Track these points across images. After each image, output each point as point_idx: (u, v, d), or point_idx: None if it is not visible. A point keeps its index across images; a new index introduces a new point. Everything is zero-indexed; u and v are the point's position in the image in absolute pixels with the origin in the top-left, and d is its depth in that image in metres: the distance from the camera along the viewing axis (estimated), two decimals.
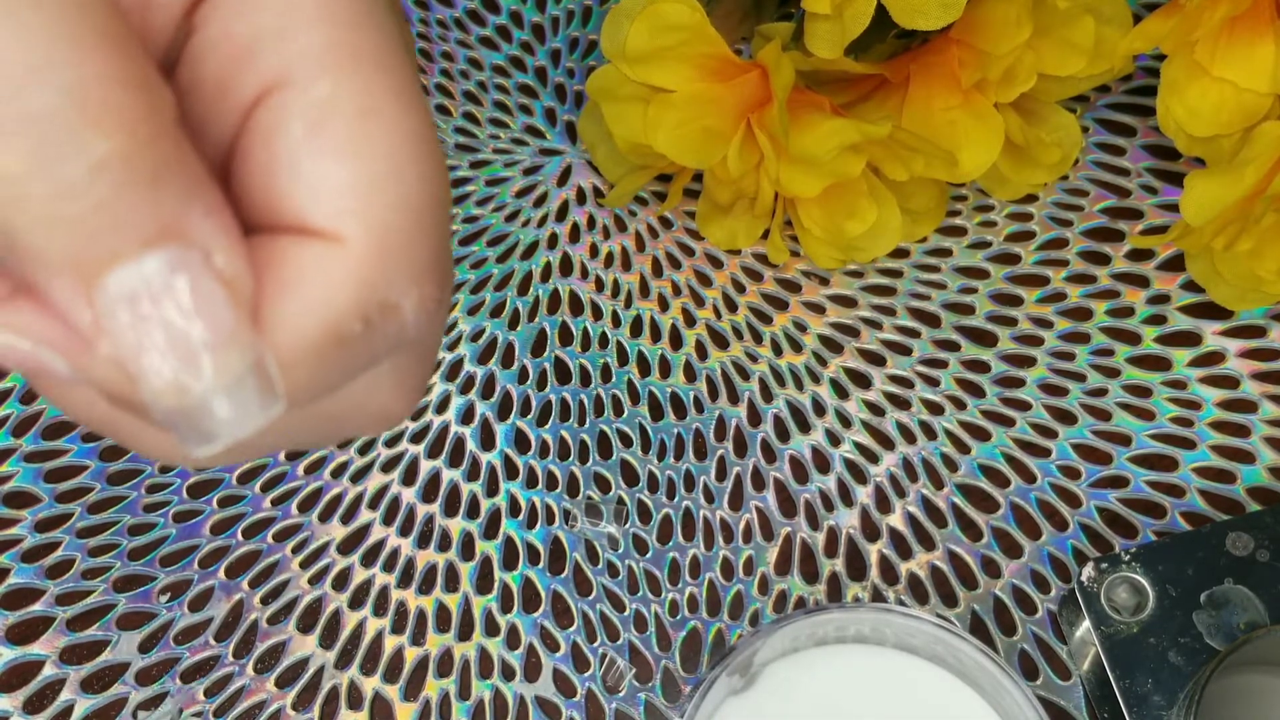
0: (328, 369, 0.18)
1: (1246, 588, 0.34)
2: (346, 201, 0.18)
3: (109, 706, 0.37)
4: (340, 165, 0.18)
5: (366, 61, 0.18)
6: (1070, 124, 0.41)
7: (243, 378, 0.17)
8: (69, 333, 0.17)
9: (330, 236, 0.18)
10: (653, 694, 0.37)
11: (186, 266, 0.16)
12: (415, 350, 0.20)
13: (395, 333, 0.19)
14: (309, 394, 0.18)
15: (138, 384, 0.17)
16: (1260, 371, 0.40)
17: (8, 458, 0.40)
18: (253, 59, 0.18)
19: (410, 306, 0.18)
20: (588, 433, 0.40)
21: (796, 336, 0.41)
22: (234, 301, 0.17)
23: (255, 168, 0.18)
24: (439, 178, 0.18)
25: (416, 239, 0.18)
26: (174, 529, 0.39)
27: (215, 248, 0.16)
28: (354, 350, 0.18)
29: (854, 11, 0.35)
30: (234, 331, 0.17)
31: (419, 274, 0.18)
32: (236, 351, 0.17)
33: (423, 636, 0.38)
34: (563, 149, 0.45)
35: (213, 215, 0.17)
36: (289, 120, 0.18)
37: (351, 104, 0.18)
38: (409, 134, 0.18)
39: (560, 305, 0.42)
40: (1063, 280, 0.42)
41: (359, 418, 0.21)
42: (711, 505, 0.39)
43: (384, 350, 0.19)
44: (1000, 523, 0.38)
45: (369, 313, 0.18)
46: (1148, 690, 0.34)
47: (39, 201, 0.15)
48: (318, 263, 0.18)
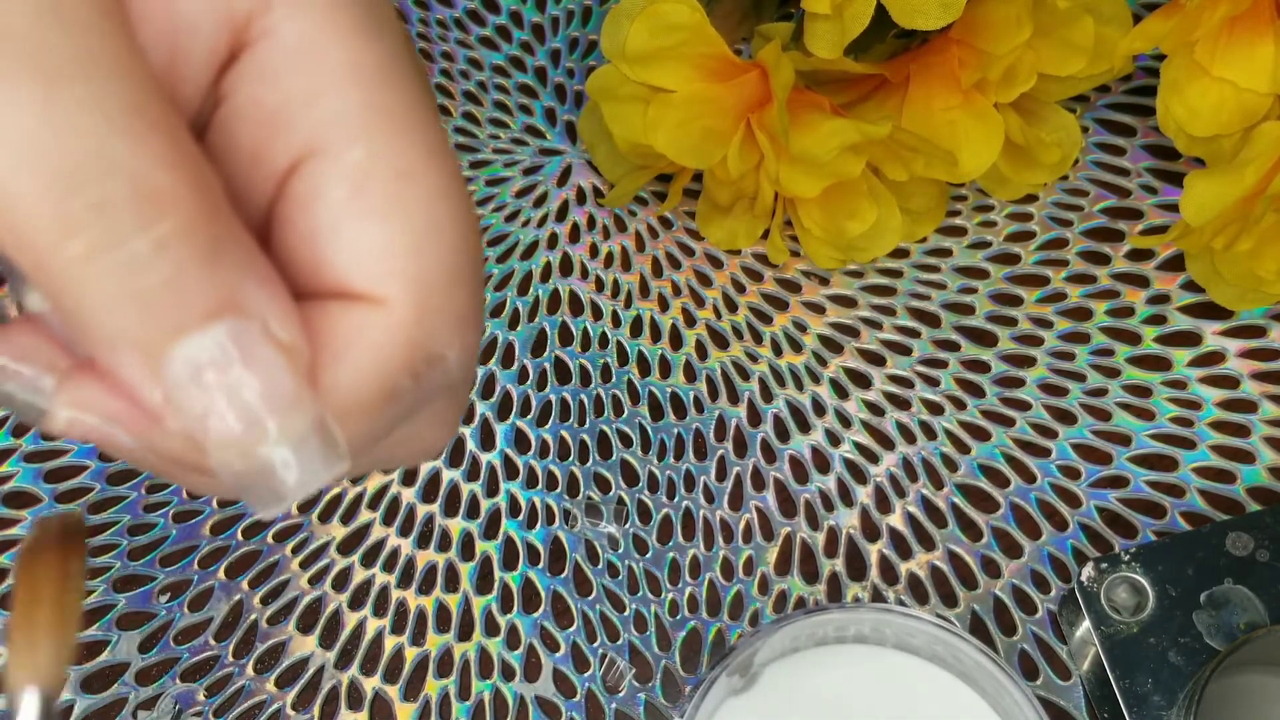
0: (381, 423, 0.19)
1: (1246, 588, 0.34)
2: (389, 264, 0.18)
3: (109, 706, 0.37)
4: (380, 229, 0.18)
5: (398, 123, 0.18)
6: (1070, 124, 0.41)
7: (307, 438, 0.17)
8: (134, 408, 0.18)
9: (375, 299, 0.18)
10: (653, 694, 0.37)
11: (247, 337, 0.17)
12: (453, 392, 0.21)
13: (441, 381, 0.19)
14: (364, 448, 0.19)
15: (206, 453, 0.17)
16: (1260, 371, 0.40)
17: (8, 458, 0.40)
18: (284, 127, 0.18)
19: (454, 356, 0.19)
20: (588, 433, 0.40)
21: (796, 336, 0.41)
22: (293, 367, 0.17)
23: (294, 235, 0.18)
24: (474, 231, 0.19)
25: (457, 292, 0.19)
26: (174, 529, 0.39)
27: (272, 317, 0.17)
28: (404, 402, 0.19)
29: (854, 11, 0.35)
30: (295, 396, 0.17)
31: (461, 325, 0.19)
32: (299, 414, 0.17)
33: (422, 636, 0.38)
34: (563, 149, 0.45)
35: (267, 285, 0.17)
36: (326, 187, 0.18)
37: (387, 167, 0.18)
38: (444, 192, 0.18)
39: (560, 305, 0.42)
40: (1063, 280, 0.42)
41: (401, 455, 0.21)
42: (711, 505, 0.39)
43: (430, 398, 0.19)
44: (1000, 523, 0.38)
45: (417, 368, 0.19)
46: (1148, 690, 0.34)
47: (107, 281, 0.16)
48: (365, 326, 0.18)
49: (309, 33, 0.18)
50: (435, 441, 0.22)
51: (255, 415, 0.17)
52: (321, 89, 0.18)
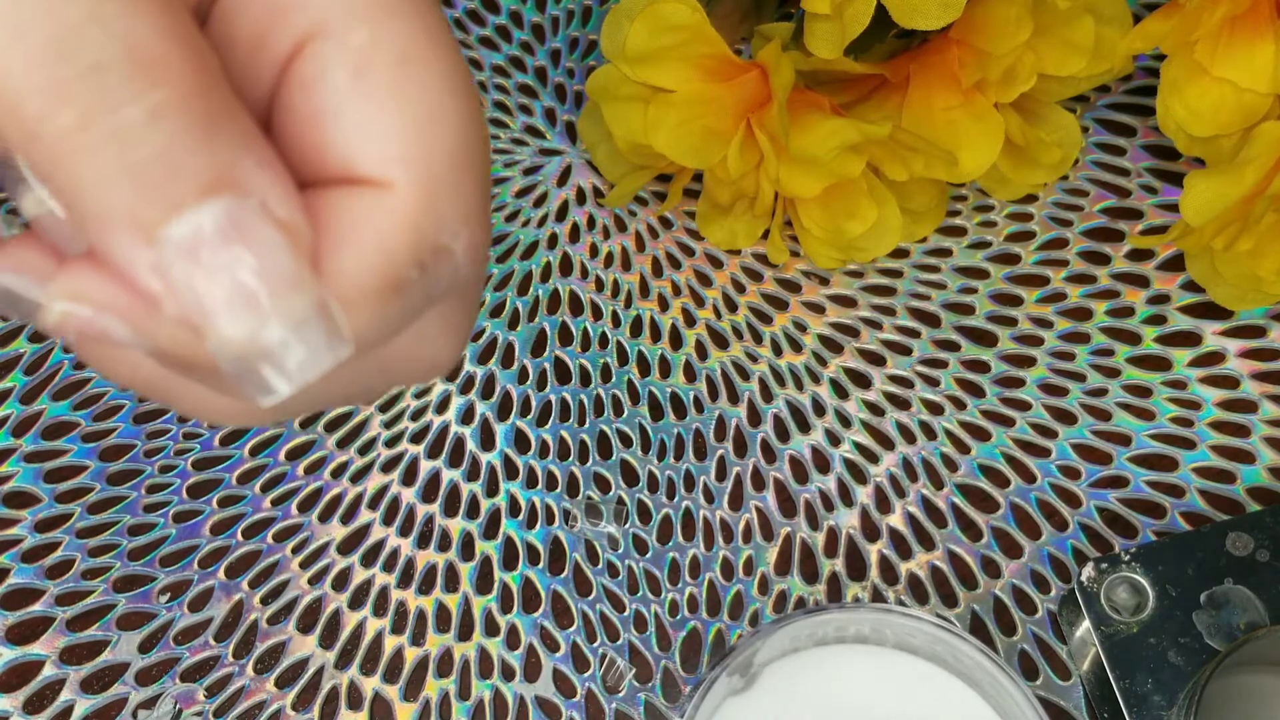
0: (387, 316, 0.18)
1: (1246, 588, 0.34)
2: (393, 148, 0.18)
3: (109, 707, 0.37)
4: (384, 112, 0.18)
5: (401, 6, 0.18)
6: (1070, 124, 0.41)
7: (308, 321, 0.17)
8: (131, 295, 0.17)
9: (380, 184, 0.18)
10: (653, 694, 0.37)
11: (245, 214, 0.16)
12: (462, 295, 0.20)
13: (448, 275, 0.19)
14: (369, 342, 0.18)
15: (204, 336, 0.17)
16: (1260, 371, 0.40)
17: (8, 458, 0.40)
18: (286, 12, 0.18)
19: (461, 248, 0.19)
20: (588, 433, 0.40)
21: (796, 336, 0.41)
22: (293, 247, 0.17)
23: (297, 120, 0.18)
24: (478, 118, 0.19)
25: (463, 180, 0.18)
26: (174, 529, 0.39)
27: (272, 197, 0.17)
28: (411, 295, 0.18)
29: (854, 11, 0.35)
30: (296, 276, 0.17)
31: (467, 215, 0.18)
32: (300, 295, 0.17)
33: (423, 637, 0.38)
34: (563, 149, 0.45)
35: (267, 166, 0.17)
36: (329, 70, 0.18)
37: (390, 50, 0.18)
38: (448, 77, 0.18)
39: (560, 305, 0.42)
40: (1063, 280, 0.42)
41: (409, 366, 0.21)
42: (711, 505, 0.39)
43: (437, 294, 0.19)
44: (1000, 523, 0.38)
45: (423, 257, 0.18)
46: (1148, 690, 0.34)
47: (100, 152, 0.15)
48: (370, 211, 0.18)
49: None
50: (446, 351, 0.21)
51: (255, 297, 0.16)
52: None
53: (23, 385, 0.41)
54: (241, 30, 0.18)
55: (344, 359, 0.17)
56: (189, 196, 0.16)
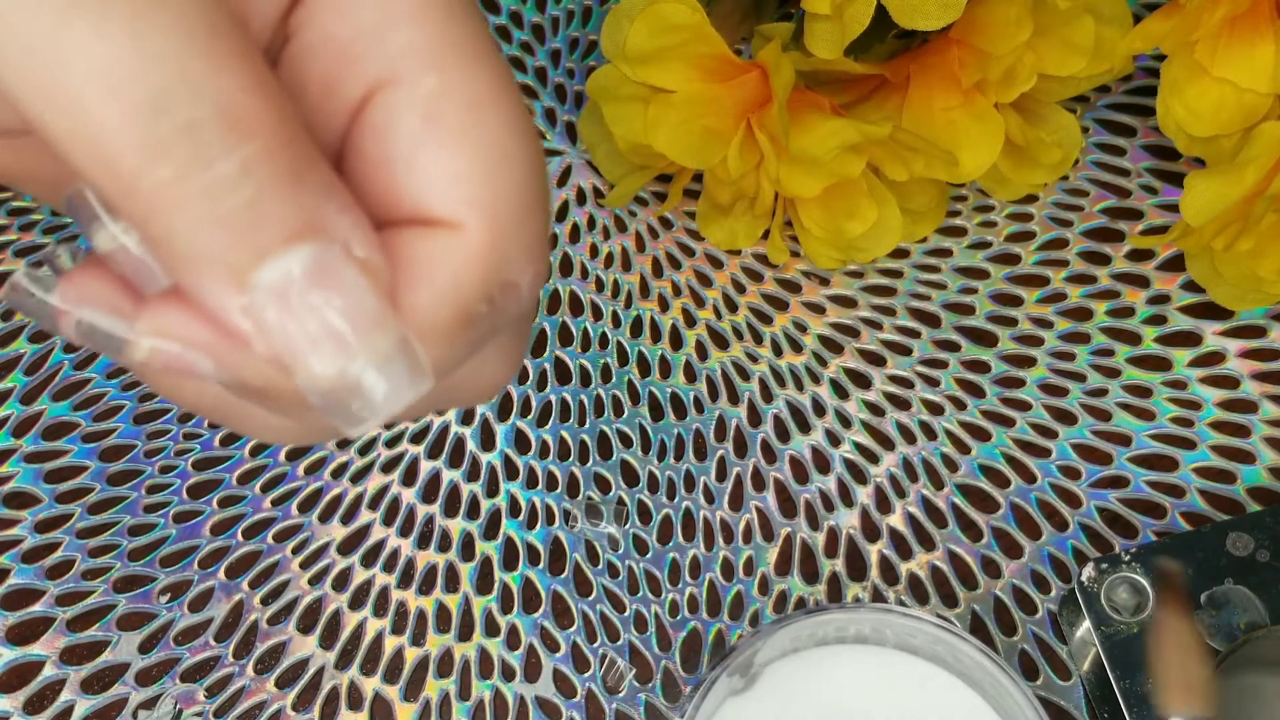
0: (458, 348, 0.19)
1: (1247, 588, 0.34)
2: (464, 190, 0.18)
3: (109, 707, 0.37)
4: (454, 157, 0.18)
5: (468, 54, 0.19)
6: (1070, 124, 0.41)
7: (392, 357, 0.18)
8: (217, 332, 0.18)
9: (452, 225, 0.19)
10: (653, 694, 0.37)
11: (330, 258, 0.17)
12: (517, 326, 0.21)
13: (514, 308, 0.20)
14: (443, 372, 0.19)
15: (294, 373, 0.18)
16: (1260, 371, 0.40)
17: (8, 458, 0.40)
18: (357, 59, 0.19)
19: (526, 283, 0.20)
20: (588, 433, 0.40)
21: (796, 337, 0.41)
22: (376, 288, 0.18)
23: (370, 163, 0.19)
24: (540, 159, 0.20)
25: (528, 219, 0.19)
26: (174, 529, 0.39)
27: (354, 240, 0.18)
28: (480, 328, 0.19)
29: (854, 12, 0.35)
30: (379, 315, 0.18)
31: (533, 252, 0.19)
32: (384, 334, 0.18)
33: (423, 637, 0.38)
34: (563, 149, 0.45)
35: (347, 211, 0.18)
36: (401, 116, 0.19)
37: (460, 96, 0.19)
38: (514, 121, 0.19)
39: (560, 305, 0.42)
40: (1063, 280, 0.42)
41: (468, 389, 0.22)
42: (711, 505, 0.39)
43: (502, 325, 0.20)
44: (1000, 523, 0.38)
45: (492, 293, 0.19)
46: (1148, 690, 0.33)
47: (194, 204, 0.16)
48: (443, 251, 0.18)
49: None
50: (502, 374, 0.22)
51: (342, 336, 0.17)
52: (392, 22, 0.19)
53: (23, 385, 0.41)
54: (313, 75, 0.19)
55: (425, 391, 0.18)
56: (277, 243, 0.17)
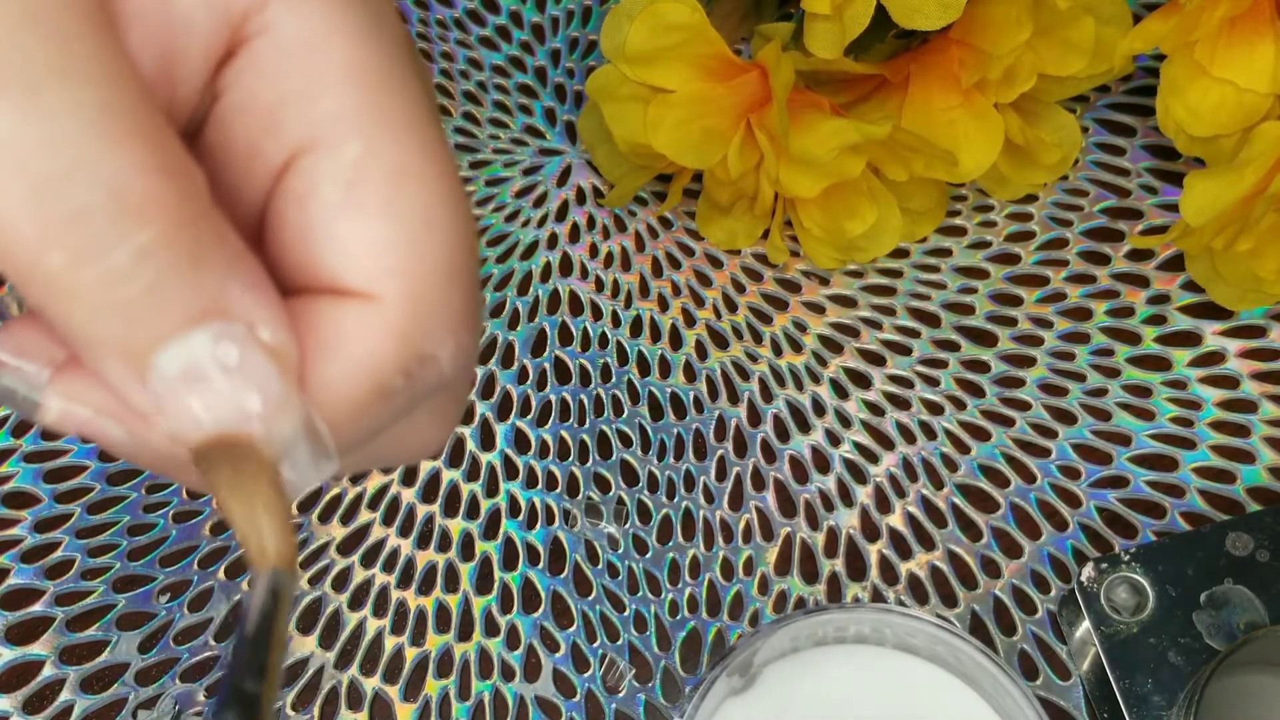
0: (372, 421, 0.19)
1: (1246, 588, 0.34)
2: (382, 261, 0.18)
3: (108, 707, 0.37)
4: (374, 226, 0.18)
5: (396, 121, 0.18)
6: (1070, 124, 0.41)
7: (295, 442, 0.17)
8: (124, 406, 0.18)
9: (367, 296, 0.18)
10: (652, 694, 0.37)
11: (232, 340, 0.17)
12: (451, 390, 0.21)
13: (434, 381, 0.19)
14: (355, 445, 0.19)
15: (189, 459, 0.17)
16: (1260, 371, 0.40)
17: (8, 458, 0.40)
18: (280, 123, 0.18)
19: (447, 356, 0.19)
20: (587, 433, 0.40)
21: (796, 336, 0.41)
22: (279, 369, 0.17)
23: (288, 231, 0.18)
24: (470, 231, 0.19)
25: (450, 292, 0.19)
26: (174, 529, 0.39)
27: (258, 320, 0.17)
28: (395, 401, 0.19)
29: (854, 12, 0.35)
30: (282, 398, 0.17)
31: (454, 325, 0.19)
32: (287, 418, 0.17)
33: (422, 637, 0.38)
34: (562, 149, 0.45)
35: (253, 289, 0.17)
36: (321, 183, 0.18)
37: (382, 165, 0.18)
38: (440, 191, 0.18)
39: (560, 305, 0.42)
40: (1062, 280, 0.42)
41: (396, 452, 0.21)
42: (711, 505, 0.39)
43: (423, 397, 0.19)
44: (1000, 523, 0.38)
45: (409, 366, 0.18)
46: (1148, 690, 0.34)
47: (89, 292, 0.16)
48: (357, 323, 0.18)
49: (307, 30, 0.18)
50: (433, 439, 0.21)
51: (243, 421, 0.17)
52: (319, 87, 0.18)
53: None
54: (236, 137, 0.19)
55: (329, 475, 0.18)
56: (176, 327, 0.16)
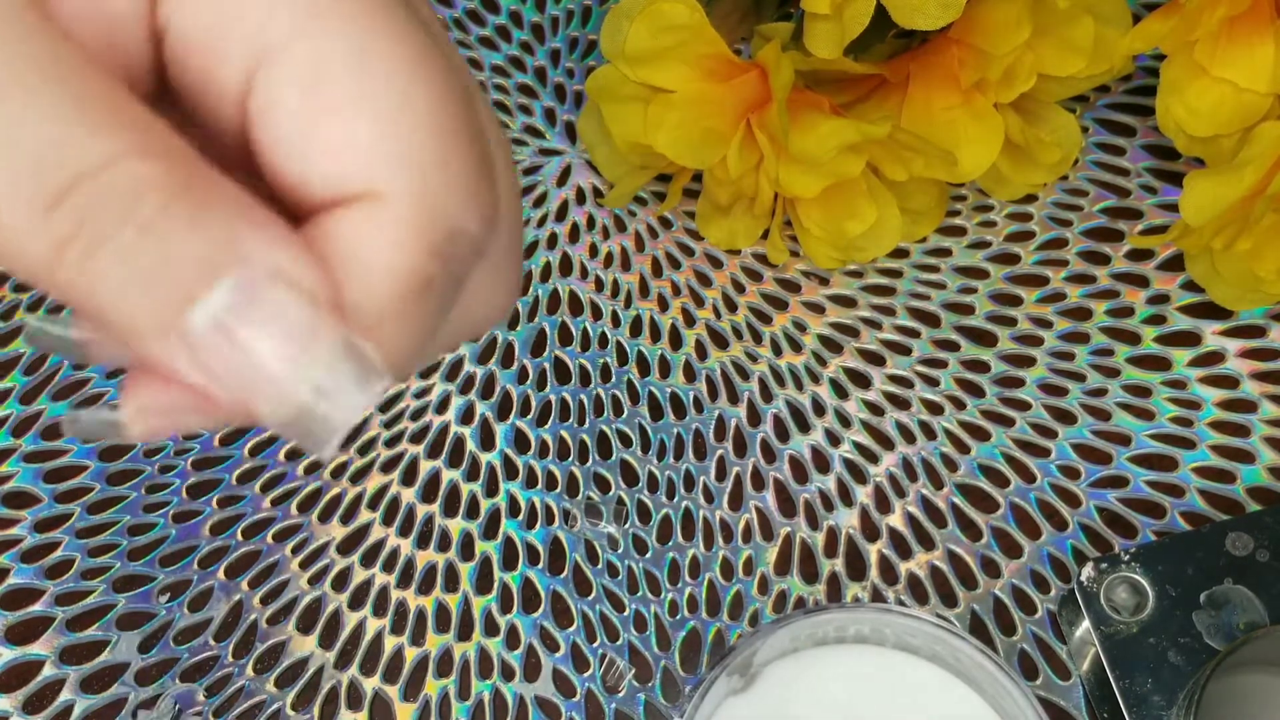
0: (423, 315, 0.18)
1: (1246, 588, 0.34)
2: (370, 154, 0.17)
3: (108, 707, 0.37)
4: (349, 121, 0.17)
5: (340, 12, 0.17)
6: (1070, 124, 0.41)
7: (337, 367, 0.17)
8: (187, 391, 0.18)
9: (370, 195, 0.17)
10: (652, 694, 0.37)
11: (253, 285, 0.17)
12: (504, 246, 0.20)
13: (471, 250, 0.18)
14: (417, 343, 0.18)
15: (254, 413, 0.17)
16: (1260, 371, 0.40)
17: (7, 458, 0.40)
18: (224, 49, 0.18)
19: (475, 221, 0.18)
20: (587, 433, 0.40)
21: (796, 336, 0.41)
22: (304, 299, 0.17)
23: (272, 154, 0.18)
24: (451, 88, 0.18)
25: (452, 155, 0.18)
26: (174, 529, 0.39)
27: (273, 258, 0.17)
28: (439, 285, 0.18)
29: (853, 11, 0.35)
30: (314, 328, 0.17)
31: (469, 189, 0.18)
32: (322, 345, 0.17)
33: (422, 636, 0.38)
34: (562, 149, 0.45)
35: (260, 228, 0.17)
36: (281, 95, 0.17)
37: (336, 55, 0.17)
38: (407, 57, 0.18)
39: (560, 305, 0.42)
40: (1062, 280, 0.42)
41: (469, 328, 0.21)
42: (711, 505, 0.39)
43: (469, 268, 0.19)
44: (1000, 523, 0.38)
45: (438, 248, 0.18)
46: (1147, 690, 0.34)
47: (107, 280, 0.16)
48: (370, 226, 0.17)
49: None
50: (500, 301, 0.21)
51: (282, 362, 0.17)
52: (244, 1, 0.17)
53: (22, 385, 0.41)
54: (194, 74, 0.18)
55: (382, 390, 0.18)
56: (197, 288, 0.16)
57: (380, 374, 0.17)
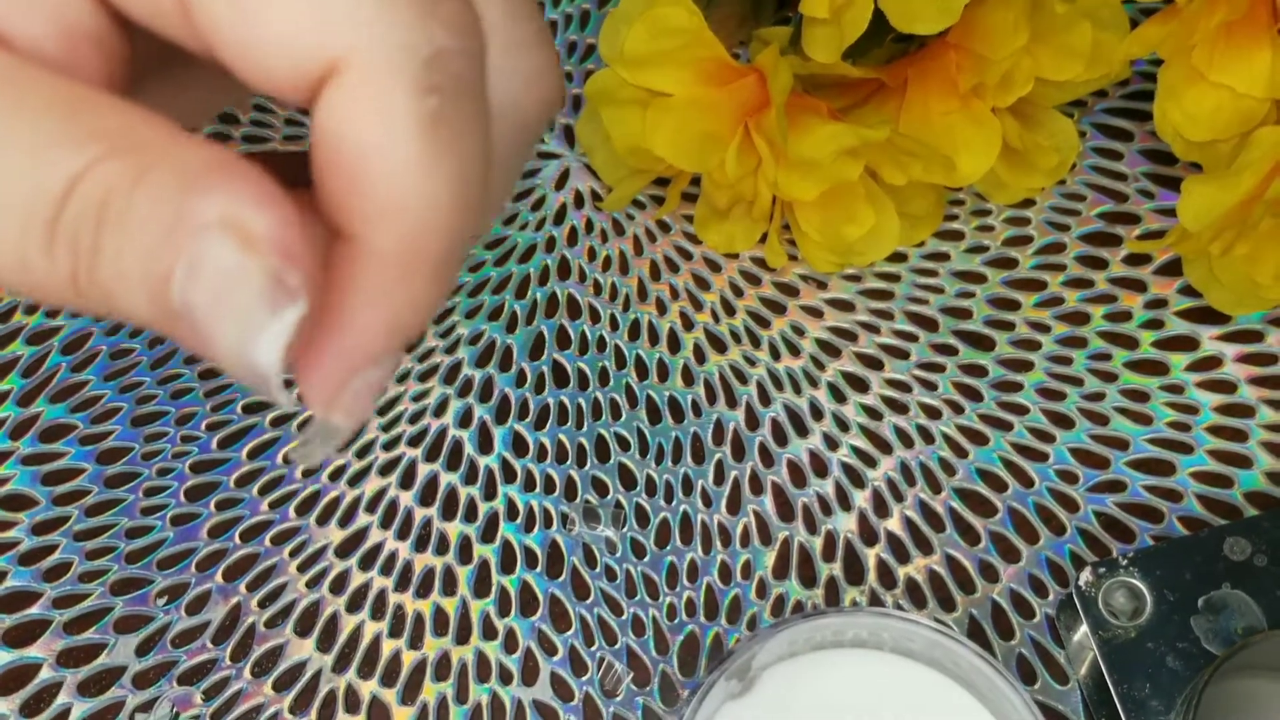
0: (453, 142, 0.18)
1: (1244, 592, 0.34)
2: (314, 26, 0.17)
3: (106, 710, 0.37)
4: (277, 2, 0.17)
5: None
6: (1067, 129, 0.41)
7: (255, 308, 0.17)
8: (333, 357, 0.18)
9: (334, 70, 0.17)
10: (650, 698, 0.37)
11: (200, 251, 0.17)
12: (514, 32, 0.20)
13: (465, 65, 0.18)
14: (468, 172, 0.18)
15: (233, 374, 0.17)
16: (1257, 376, 0.40)
17: (5, 460, 0.40)
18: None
19: (449, 36, 0.18)
20: (585, 436, 0.40)
21: (794, 340, 0.41)
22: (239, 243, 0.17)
23: (237, 65, 0.18)
24: None
25: None
26: (171, 532, 0.39)
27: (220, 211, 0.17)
28: (451, 110, 0.18)
29: (851, 16, 0.35)
30: (238, 274, 0.17)
31: (426, 11, 0.18)
32: (244, 291, 0.17)
33: (420, 640, 0.38)
34: (561, 153, 0.45)
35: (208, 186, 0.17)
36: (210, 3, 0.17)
37: None
38: None
39: (558, 309, 0.42)
40: (1060, 285, 0.42)
41: (527, 119, 0.20)
42: (709, 509, 0.39)
43: (474, 74, 0.18)
44: (998, 527, 0.38)
45: (424, 82, 0.17)
46: (1145, 695, 0.34)
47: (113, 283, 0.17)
48: (354, 91, 0.17)
49: None
50: (549, 82, 0.20)
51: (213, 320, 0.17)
52: None
53: (20, 388, 0.41)
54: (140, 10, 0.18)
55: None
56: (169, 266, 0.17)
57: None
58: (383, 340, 0.18)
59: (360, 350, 0.18)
